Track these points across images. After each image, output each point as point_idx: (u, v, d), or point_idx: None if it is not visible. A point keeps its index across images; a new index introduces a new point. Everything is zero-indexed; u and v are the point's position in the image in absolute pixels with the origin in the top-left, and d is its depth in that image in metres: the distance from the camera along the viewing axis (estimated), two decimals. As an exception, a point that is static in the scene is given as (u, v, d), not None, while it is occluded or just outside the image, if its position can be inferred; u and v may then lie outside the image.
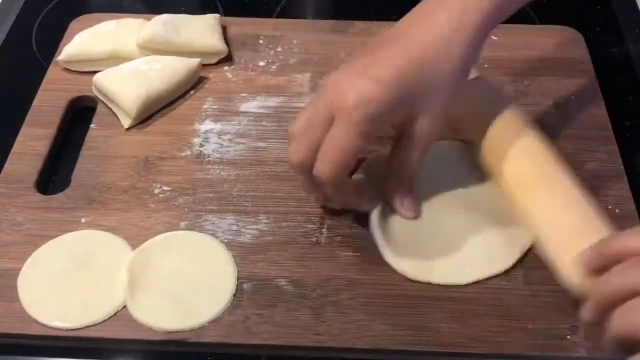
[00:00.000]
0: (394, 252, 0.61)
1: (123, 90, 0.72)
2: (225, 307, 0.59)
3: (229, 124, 0.73)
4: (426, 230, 0.63)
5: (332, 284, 0.60)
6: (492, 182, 0.65)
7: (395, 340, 0.57)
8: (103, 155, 0.70)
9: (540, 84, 0.76)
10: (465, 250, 0.62)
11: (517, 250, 0.61)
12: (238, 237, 0.63)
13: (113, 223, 0.64)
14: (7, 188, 0.67)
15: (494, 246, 0.62)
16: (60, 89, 0.76)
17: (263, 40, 0.82)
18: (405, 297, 0.59)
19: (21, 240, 0.63)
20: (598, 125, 0.72)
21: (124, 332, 0.58)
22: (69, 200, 0.66)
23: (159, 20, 0.78)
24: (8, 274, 0.61)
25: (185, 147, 0.71)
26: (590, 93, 0.75)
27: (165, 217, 0.65)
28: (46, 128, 0.72)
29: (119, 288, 0.60)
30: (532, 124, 0.64)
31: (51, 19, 0.89)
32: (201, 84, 0.77)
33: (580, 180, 0.60)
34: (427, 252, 0.62)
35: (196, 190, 0.67)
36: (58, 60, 0.77)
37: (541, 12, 0.78)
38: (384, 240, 0.62)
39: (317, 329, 0.57)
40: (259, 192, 0.67)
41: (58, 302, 0.59)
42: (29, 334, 0.58)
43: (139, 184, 0.67)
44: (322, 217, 0.65)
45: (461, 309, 0.59)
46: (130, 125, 0.72)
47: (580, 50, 0.80)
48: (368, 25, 0.83)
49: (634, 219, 0.65)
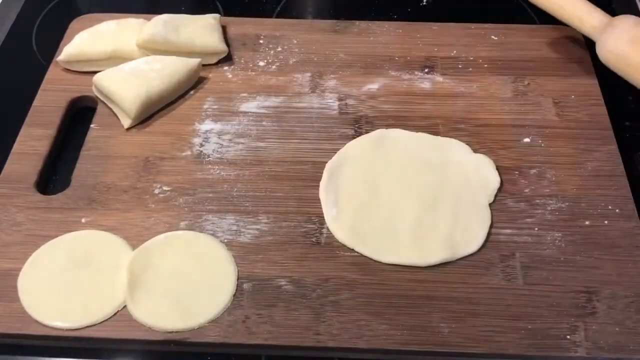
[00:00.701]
0: (336, 215, 0.64)
1: (123, 90, 0.72)
2: (225, 307, 0.59)
3: (229, 124, 0.73)
4: (379, 209, 0.65)
5: (332, 284, 0.60)
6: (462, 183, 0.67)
7: (395, 340, 0.57)
8: (103, 155, 0.70)
9: (540, 84, 0.76)
10: (406, 234, 0.63)
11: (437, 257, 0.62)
12: (238, 237, 0.64)
13: (113, 223, 0.64)
14: (7, 188, 0.67)
15: (434, 238, 0.63)
16: (60, 89, 0.76)
17: (263, 40, 0.82)
18: (405, 297, 0.59)
19: (21, 240, 0.63)
20: (598, 125, 0.73)
21: (124, 332, 0.58)
22: (69, 201, 0.66)
23: (159, 20, 0.78)
24: (8, 274, 0.61)
25: (185, 147, 0.71)
26: (590, 93, 0.75)
27: (165, 217, 0.65)
28: (46, 128, 0.72)
29: (119, 288, 0.60)
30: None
31: (51, 19, 0.89)
32: (201, 84, 0.77)
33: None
34: (369, 226, 0.64)
35: (196, 190, 0.67)
36: (58, 61, 0.77)
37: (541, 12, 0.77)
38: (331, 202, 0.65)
39: (317, 329, 0.57)
40: (259, 192, 0.67)
41: (58, 302, 0.59)
42: (29, 334, 0.58)
43: (139, 184, 0.67)
44: (322, 217, 0.65)
45: (461, 309, 0.59)
46: (131, 126, 0.72)
47: (580, 50, 0.80)
48: (368, 25, 0.83)
49: (634, 219, 0.65)
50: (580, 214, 0.65)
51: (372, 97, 0.75)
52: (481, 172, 0.68)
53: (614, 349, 0.57)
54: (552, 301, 0.59)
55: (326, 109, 0.74)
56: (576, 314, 0.58)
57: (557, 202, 0.66)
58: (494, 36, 0.82)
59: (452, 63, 0.79)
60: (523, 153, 0.70)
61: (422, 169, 0.68)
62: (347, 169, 0.68)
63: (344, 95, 0.75)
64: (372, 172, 0.68)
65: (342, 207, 0.65)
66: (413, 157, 0.69)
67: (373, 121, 0.73)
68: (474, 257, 0.62)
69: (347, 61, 0.79)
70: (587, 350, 0.56)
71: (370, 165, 0.69)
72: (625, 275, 0.61)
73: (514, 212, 0.65)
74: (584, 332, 0.57)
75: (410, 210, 0.65)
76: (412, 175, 0.68)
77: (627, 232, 0.64)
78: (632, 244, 0.63)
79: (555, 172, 0.68)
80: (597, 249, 0.63)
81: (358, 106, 0.74)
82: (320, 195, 0.66)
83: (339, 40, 0.82)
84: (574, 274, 0.61)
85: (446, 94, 0.76)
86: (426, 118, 0.73)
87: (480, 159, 0.69)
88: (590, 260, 0.62)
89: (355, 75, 0.78)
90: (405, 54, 0.80)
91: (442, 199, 0.66)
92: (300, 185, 0.67)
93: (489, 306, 0.59)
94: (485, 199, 0.66)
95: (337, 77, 0.77)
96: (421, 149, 0.70)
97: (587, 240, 0.63)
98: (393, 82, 0.77)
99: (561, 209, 0.65)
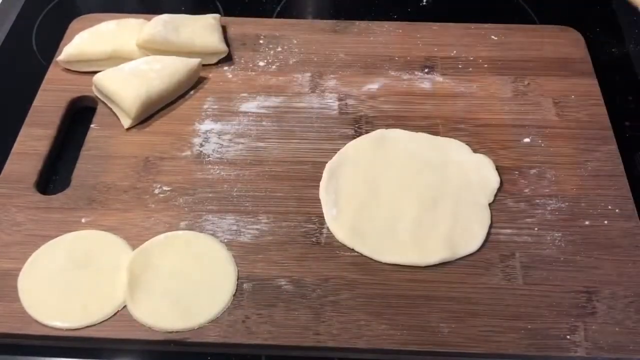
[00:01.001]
0: (336, 215, 0.64)
1: (123, 90, 0.72)
2: (225, 307, 0.59)
3: (229, 124, 0.73)
4: (379, 209, 0.65)
5: (332, 284, 0.60)
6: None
7: (395, 340, 0.57)
8: (103, 155, 0.70)
9: (540, 84, 0.76)
10: (406, 234, 0.63)
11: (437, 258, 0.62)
12: (238, 237, 0.64)
13: (113, 223, 0.64)
14: (7, 188, 0.67)
15: (432, 239, 0.63)
16: (60, 89, 0.76)
17: (263, 40, 0.82)
18: (405, 297, 0.59)
19: (21, 240, 0.63)
20: (598, 125, 0.73)
21: (124, 332, 0.58)
22: (69, 201, 0.66)
23: (159, 21, 0.78)
24: (8, 274, 0.61)
25: (185, 147, 0.71)
26: (590, 93, 0.75)
27: (165, 217, 0.65)
28: (46, 128, 0.72)
29: (119, 288, 0.60)
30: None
31: (51, 19, 0.89)
32: (201, 84, 0.77)
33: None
34: (369, 226, 0.64)
35: (196, 190, 0.67)
36: (58, 61, 0.77)
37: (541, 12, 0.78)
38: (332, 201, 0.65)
39: (316, 329, 0.57)
40: (259, 192, 0.67)
41: (58, 302, 0.59)
42: (29, 334, 0.58)
43: (139, 184, 0.68)
44: (322, 217, 0.65)
45: (461, 309, 0.59)
46: (131, 126, 0.72)
47: (580, 50, 0.80)
48: (368, 25, 0.83)
49: (634, 219, 0.65)
50: (580, 214, 0.65)
51: (372, 97, 0.75)
52: (481, 172, 0.68)
53: (614, 349, 0.57)
54: (552, 301, 0.59)
55: (326, 109, 0.74)
56: (576, 314, 0.58)
57: (557, 202, 0.66)
58: (494, 36, 0.82)
59: (452, 63, 0.79)
60: (523, 153, 0.70)
61: (422, 169, 0.68)
62: (347, 169, 0.68)
63: (344, 95, 0.76)
64: (372, 172, 0.68)
65: (342, 207, 0.65)
66: (413, 157, 0.69)
67: (373, 121, 0.73)
68: (473, 257, 0.62)
69: (347, 61, 0.79)
70: (587, 350, 0.56)
71: (370, 165, 0.69)
72: (625, 275, 0.61)
73: (514, 212, 0.65)
74: (584, 332, 0.57)
75: (410, 210, 0.65)
76: (412, 175, 0.68)
77: (627, 232, 0.64)
78: (632, 244, 0.63)
79: (555, 172, 0.68)
80: (597, 249, 0.63)
81: (358, 106, 0.74)
82: (320, 195, 0.66)
83: (339, 40, 0.81)
84: (574, 274, 0.61)
85: (446, 94, 0.76)
86: (426, 118, 0.73)
87: (480, 159, 0.69)
88: (590, 260, 0.62)
89: (355, 75, 0.78)
90: (405, 54, 0.80)
91: (442, 199, 0.66)
92: (300, 185, 0.67)
93: (489, 306, 0.59)
94: (485, 199, 0.66)
95: (337, 77, 0.77)
96: (421, 149, 0.70)
97: (587, 240, 0.63)
98: (393, 82, 0.77)
99: (561, 209, 0.66)
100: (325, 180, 0.67)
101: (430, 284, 0.60)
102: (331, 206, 0.65)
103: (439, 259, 0.61)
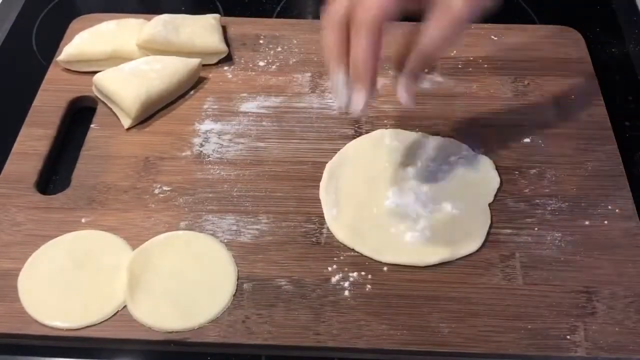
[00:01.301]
0: (336, 215, 0.64)
1: (123, 91, 0.72)
2: (225, 307, 0.59)
3: (229, 124, 0.73)
4: (379, 209, 0.65)
5: (332, 284, 0.60)
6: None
7: (395, 340, 0.57)
8: (103, 155, 0.70)
9: (540, 84, 0.76)
10: (404, 233, 0.63)
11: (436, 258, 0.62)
12: (238, 237, 0.64)
13: (113, 223, 0.64)
14: (7, 188, 0.67)
15: (433, 240, 0.63)
16: (60, 89, 0.76)
17: (263, 40, 0.82)
18: (404, 297, 0.59)
19: (21, 240, 0.63)
20: (598, 125, 0.73)
21: (124, 332, 0.58)
22: (69, 200, 0.66)
23: (159, 21, 0.78)
24: (8, 274, 0.61)
25: (185, 147, 0.71)
26: (590, 93, 0.75)
27: (165, 217, 0.65)
28: (46, 128, 0.72)
29: (119, 288, 0.60)
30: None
31: (51, 19, 0.89)
32: (201, 84, 0.77)
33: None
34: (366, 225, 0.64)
35: (196, 190, 0.67)
36: (58, 61, 0.77)
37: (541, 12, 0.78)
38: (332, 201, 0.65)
39: (316, 329, 0.57)
40: (259, 192, 0.67)
41: (58, 302, 0.59)
42: (29, 334, 0.58)
43: (139, 184, 0.68)
44: (322, 217, 0.65)
45: (461, 309, 0.59)
46: (131, 126, 0.72)
47: (580, 50, 0.80)
48: (368, 25, 0.83)
49: (634, 219, 0.65)
50: (580, 214, 0.65)
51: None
52: (481, 172, 0.68)
53: (614, 349, 0.57)
54: (551, 301, 0.59)
55: (326, 109, 0.74)
56: (576, 314, 0.58)
57: (557, 202, 0.66)
58: (493, 36, 0.82)
59: (452, 63, 0.79)
60: (523, 153, 0.70)
61: (421, 169, 0.68)
62: (347, 169, 0.68)
63: (344, 95, 0.75)
64: (372, 172, 0.68)
65: (342, 207, 0.65)
66: (413, 157, 0.69)
67: (373, 121, 0.73)
68: (473, 257, 0.62)
69: (347, 61, 0.79)
70: (586, 350, 0.56)
71: (370, 165, 0.69)
72: (625, 275, 0.61)
73: (514, 212, 0.65)
74: (584, 332, 0.57)
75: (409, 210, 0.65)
76: (411, 175, 0.68)
77: (627, 232, 0.64)
78: (632, 244, 0.63)
79: (555, 172, 0.68)
80: (597, 249, 0.63)
81: (358, 106, 0.74)
82: (320, 195, 0.66)
83: (339, 40, 0.81)
84: (574, 274, 0.61)
85: (446, 94, 0.76)
86: (426, 118, 0.73)
87: (480, 159, 0.69)
88: (590, 260, 0.62)
89: (355, 75, 0.77)
90: (405, 54, 0.79)
91: (442, 199, 0.66)
92: (300, 185, 0.67)
93: (489, 306, 0.59)
94: (485, 198, 0.66)
95: (337, 77, 0.77)
96: (421, 149, 0.70)
97: (587, 240, 0.63)
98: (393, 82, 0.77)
99: (561, 209, 0.65)
100: (325, 180, 0.67)
101: (430, 284, 0.60)
102: (331, 206, 0.65)
103: (439, 259, 0.61)
